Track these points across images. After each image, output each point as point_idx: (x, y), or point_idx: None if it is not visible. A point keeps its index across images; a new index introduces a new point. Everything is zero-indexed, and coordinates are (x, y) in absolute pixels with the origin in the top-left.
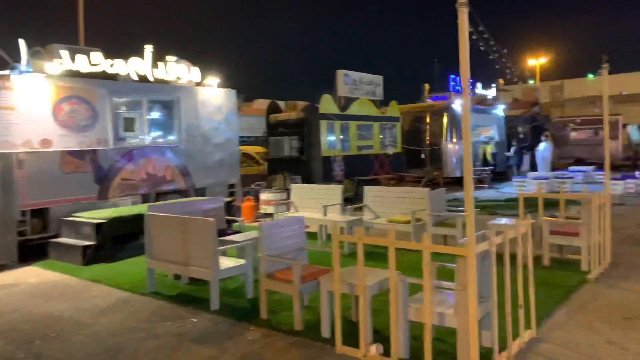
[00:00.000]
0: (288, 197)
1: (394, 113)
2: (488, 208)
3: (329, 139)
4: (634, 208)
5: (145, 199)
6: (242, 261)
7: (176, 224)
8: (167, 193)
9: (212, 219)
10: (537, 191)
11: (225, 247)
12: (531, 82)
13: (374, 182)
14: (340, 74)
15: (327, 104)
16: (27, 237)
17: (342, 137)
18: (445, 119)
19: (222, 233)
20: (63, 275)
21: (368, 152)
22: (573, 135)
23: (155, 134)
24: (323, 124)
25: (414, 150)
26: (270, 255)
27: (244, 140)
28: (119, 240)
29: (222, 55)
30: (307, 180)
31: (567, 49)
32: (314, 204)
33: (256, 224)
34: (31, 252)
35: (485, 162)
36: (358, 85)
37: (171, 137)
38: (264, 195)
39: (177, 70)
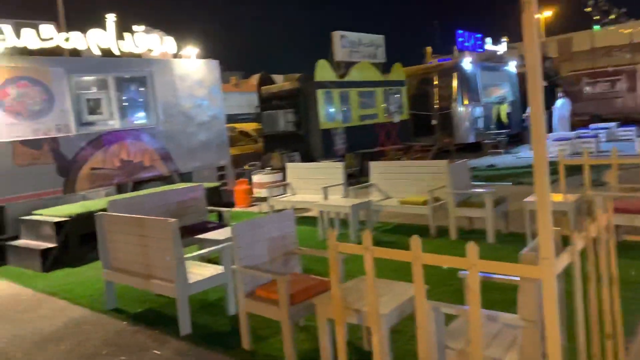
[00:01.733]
0: (284, 178)
1: (398, 76)
2: (511, 177)
3: (328, 110)
4: None
5: (121, 189)
6: (220, 269)
7: (133, 225)
8: (147, 181)
9: (172, 220)
10: (560, 156)
11: (195, 254)
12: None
13: (380, 155)
14: (337, 35)
15: (323, 71)
16: None
17: (342, 106)
18: (455, 80)
19: (201, 229)
20: (15, 287)
21: (372, 122)
22: (587, 89)
23: (128, 115)
24: (320, 93)
25: (422, 116)
26: (247, 266)
27: (243, 118)
28: (87, 239)
29: (203, 21)
30: (306, 156)
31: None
32: (313, 185)
33: (250, 209)
34: None
35: (499, 124)
36: (357, 48)
37: (146, 118)
38: (256, 177)
39: (147, 41)
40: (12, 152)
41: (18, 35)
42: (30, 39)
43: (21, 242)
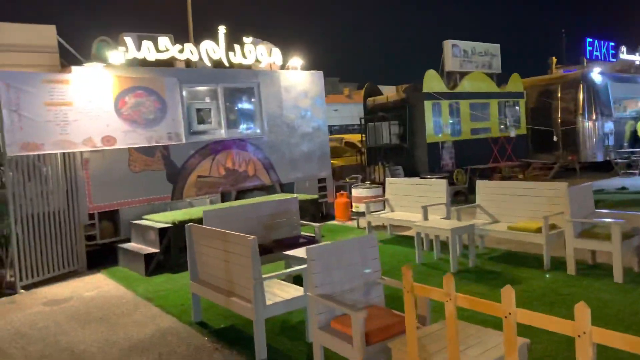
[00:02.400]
0: (384, 193)
1: (516, 88)
2: None
3: (436, 122)
4: None
5: (225, 197)
6: (301, 290)
7: (216, 238)
8: (249, 190)
9: (251, 237)
10: None
11: (273, 274)
12: None
13: (493, 172)
14: (448, 44)
15: (431, 82)
16: (96, 242)
17: (451, 119)
18: (581, 92)
19: (292, 243)
20: (120, 288)
21: (485, 136)
22: None
23: (235, 125)
24: (428, 105)
25: (542, 131)
26: (322, 294)
27: (354, 129)
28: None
29: (315, 33)
30: (411, 170)
31: None
32: (414, 202)
33: (349, 223)
34: (103, 257)
35: (634, 142)
36: (470, 57)
37: (252, 129)
38: (355, 191)
39: (256, 52)
40: (128, 159)
41: (139, 47)
42: (148, 50)
43: (130, 245)
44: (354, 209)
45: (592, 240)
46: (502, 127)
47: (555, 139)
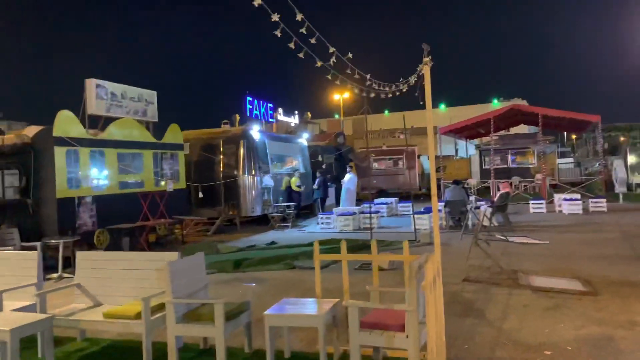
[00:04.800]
0: None
1: (175, 139)
2: (287, 258)
3: (72, 173)
4: (448, 247)
5: None
6: None
7: None
8: None
9: None
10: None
11: None
12: (336, 116)
13: (144, 231)
14: (91, 84)
15: (66, 124)
16: None
17: (93, 169)
18: (242, 148)
19: None
20: None
21: (135, 190)
22: (375, 165)
23: None
24: (60, 151)
25: (206, 186)
26: None
27: None
28: None
29: None
30: (34, 233)
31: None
32: None
33: None
34: None
35: (289, 197)
36: (120, 101)
37: None
38: None
39: None
40: None
41: None
42: None
43: None
44: None
45: (195, 325)
46: (158, 180)
47: (200, 195)
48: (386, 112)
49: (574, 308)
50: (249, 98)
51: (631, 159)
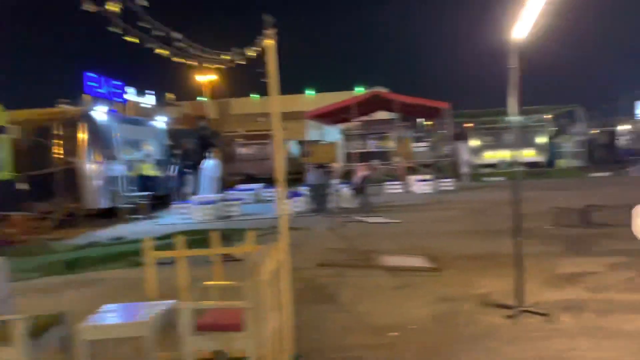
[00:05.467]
0: None
1: None
2: (130, 255)
3: None
4: (309, 232)
5: None
6: None
7: None
8: None
9: None
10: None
11: None
12: (199, 98)
13: None
14: None
15: None
16: None
17: None
18: (82, 132)
19: None
20: None
21: None
22: (241, 150)
23: None
24: None
25: (41, 175)
26: None
27: None
28: None
29: None
30: None
31: (234, 70)
32: None
33: None
34: None
35: (143, 185)
36: None
37: None
38: None
39: None
40: None
41: None
42: None
43: None
44: None
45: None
46: None
47: (24, 186)
48: (252, 95)
49: (422, 285)
50: (90, 74)
51: (473, 142)
